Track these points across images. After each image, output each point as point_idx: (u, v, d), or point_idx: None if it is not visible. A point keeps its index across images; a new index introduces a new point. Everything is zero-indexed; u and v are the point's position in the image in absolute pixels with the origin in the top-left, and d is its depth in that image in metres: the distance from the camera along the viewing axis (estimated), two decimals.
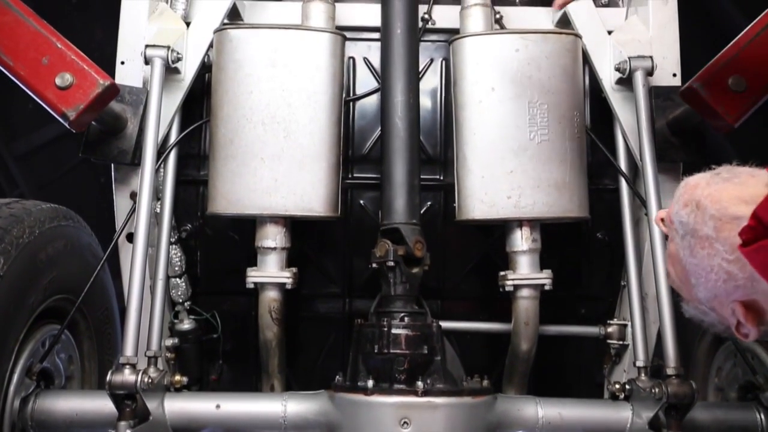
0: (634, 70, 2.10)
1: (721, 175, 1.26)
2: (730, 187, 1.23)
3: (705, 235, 1.22)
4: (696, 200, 1.26)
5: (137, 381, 1.82)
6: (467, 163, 2.05)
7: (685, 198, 1.29)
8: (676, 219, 1.31)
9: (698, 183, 1.28)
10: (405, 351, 1.86)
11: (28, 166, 4.36)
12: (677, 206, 1.31)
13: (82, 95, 1.76)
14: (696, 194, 1.26)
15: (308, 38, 2.06)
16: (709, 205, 1.22)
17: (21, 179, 4.24)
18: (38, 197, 4.16)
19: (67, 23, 4.03)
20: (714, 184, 1.25)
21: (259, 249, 2.09)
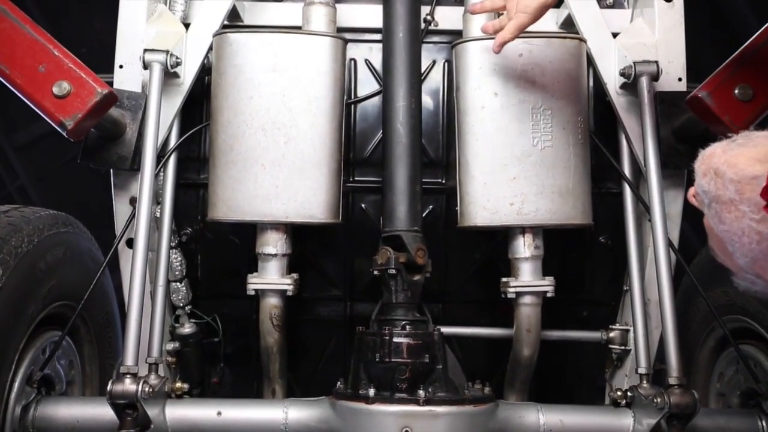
0: (639, 75, 2.07)
1: (737, 142, 1.29)
2: (745, 150, 1.26)
3: (728, 199, 1.25)
4: (714, 168, 1.28)
5: (138, 390, 1.81)
6: (470, 169, 2.04)
7: (703, 168, 1.32)
8: (699, 190, 1.33)
9: (714, 151, 1.31)
10: (406, 360, 1.85)
11: (28, 157, 4.35)
12: (698, 178, 1.33)
13: (79, 104, 1.73)
14: (713, 162, 1.29)
15: (309, 42, 2.04)
16: (727, 170, 1.25)
17: (21, 170, 4.23)
18: (38, 188, 4.20)
19: (66, 13, 4.01)
20: (729, 150, 1.28)
21: (260, 255, 2.08)
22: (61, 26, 3.97)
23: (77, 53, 3.98)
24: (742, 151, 1.26)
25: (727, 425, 1.99)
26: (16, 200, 4.19)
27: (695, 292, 2.17)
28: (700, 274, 2.21)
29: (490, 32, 1.89)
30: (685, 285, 2.32)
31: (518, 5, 1.74)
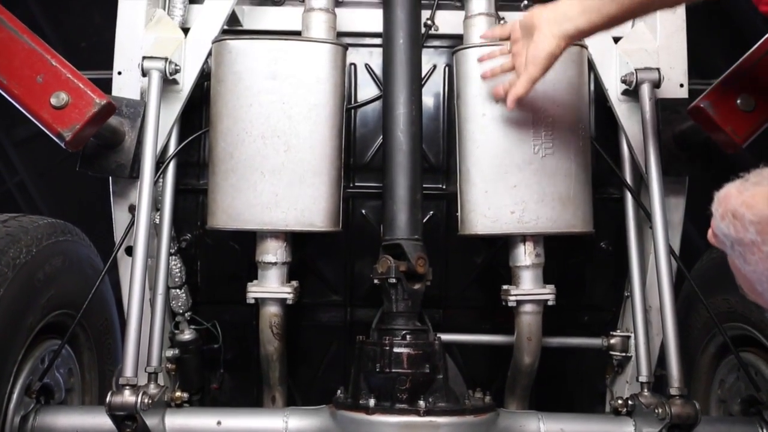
0: (641, 82, 2.06)
1: (750, 181, 1.27)
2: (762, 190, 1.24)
3: (750, 240, 1.23)
4: (732, 210, 1.26)
5: (137, 402, 1.81)
6: (470, 176, 2.02)
7: (720, 211, 1.29)
8: (719, 233, 1.31)
9: (729, 193, 1.28)
10: (407, 370, 1.84)
11: (28, 153, 4.33)
12: (716, 221, 1.31)
13: (78, 115, 1.72)
14: (730, 204, 1.27)
15: (309, 49, 2.02)
16: (746, 212, 1.23)
17: (21, 166, 4.21)
18: (38, 184, 4.18)
19: (65, 8, 3.99)
20: (745, 191, 1.25)
21: (260, 264, 2.07)
22: (60, 21, 3.96)
23: (77, 48, 3.97)
24: (759, 191, 1.23)
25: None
26: (15, 196, 4.18)
27: (696, 297, 2.17)
28: (702, 281, 2.20)
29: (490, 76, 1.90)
30: (686, 290, 2.32)
31: (527, 56, 1.71)
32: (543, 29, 1.66)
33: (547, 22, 1.65)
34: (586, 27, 1.61)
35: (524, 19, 1.74)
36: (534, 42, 1.67)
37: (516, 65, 1.79)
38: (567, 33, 1.64)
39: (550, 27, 1.65)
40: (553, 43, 1.65)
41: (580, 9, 1.59)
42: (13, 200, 4.14)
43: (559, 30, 1.64)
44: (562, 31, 1.64)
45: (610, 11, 1.56)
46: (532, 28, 1.69)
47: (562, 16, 1.63)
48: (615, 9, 1.54)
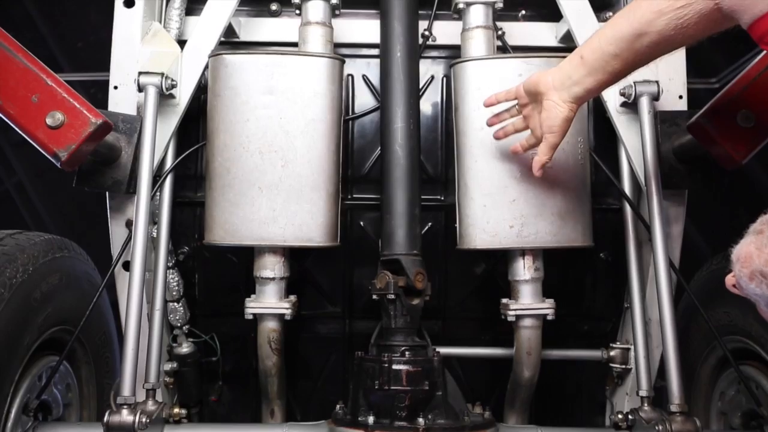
0: (640, 95, 2.05)
1: (765, 234, 1.27)
2: None
3: None
4: (759, 271, 1.27)
5: (135, 421, 1.80)
6: (468, 191, 2.01)
7: (747, 273, 1.29)
8: (750, 293, 1.31)
9: (750, 253, 1.29)
10: (406, 387, 1.84)
11: (26, 153, 4.31)
12: (743, 282, 1.31)
13: (73, 135, 1.70)
14: (755, 265, 1.27)
15: (305, 64, 2.00)
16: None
17: (19, 166, 4.20)
18: (36, 185, 4.16)
19: (61, 7, 3.97)
20: (765, 248, 1.26)
21: (258, 279, 2.06)
22: (57, 20, 3.93)
23: (73, 47, 3.94)
24: None
25: None
26: (13, 196, 4.16)
27: (696, 309, 2.16)
28: (702, 293, 2.20)
29: (503, 136, 1.88)
30: (686, 301, 2.31)
31: (542, 126, 1.68)
32: (551, 96, 1.62)
33: (554, 89, 1.62)
34: (594, 87, 1.57)
35: (528, 84, 1.71)
36: (546, 110, 1.64)
37: (531, 126, 1.77)
38: (577, 96, 1.60)
39: (559, 93, 1.61)
40: (566, 109, 1.62)
41: (585, 71, 1.55)
42: (11, 201, 4.12)
43: (568, 95, 1.60)
44: (572, 96, 1.60)
45: (615, 68, 1.52)
46: (539, 94, 1.66)
47: (568, 80, 1.59)
48: (620, 65, 1.50)
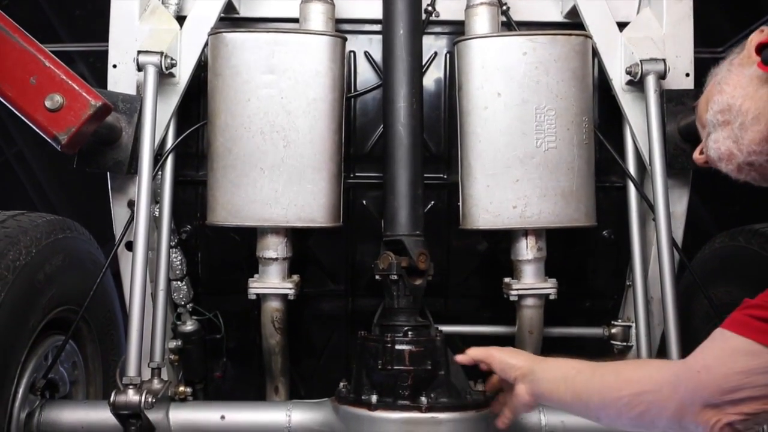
0: (646, 74, 2.02)
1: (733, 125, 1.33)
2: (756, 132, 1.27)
3: None
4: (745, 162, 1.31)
5: (141, 401, 1.82)
6: (472, 171, 2.00)
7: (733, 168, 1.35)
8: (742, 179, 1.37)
9: (730, 150, 1.33)
10: (409, 367, 1.84)
11: (26, 123, 4.29)
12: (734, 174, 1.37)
13: (73, 118, 1.69)
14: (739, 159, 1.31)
15: (307, 42, 1.98)
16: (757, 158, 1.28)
17: (18, 137, 4.19)
18: (36, 155, 4.15)
19: None
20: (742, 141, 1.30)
21: (261, 259, 2.06)
22: None
23: (72, 16, 3.89)
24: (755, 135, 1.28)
25: None
26: (14, 167, 4.16)
27: (698, 287, 2.16)
28: (703, 271, 2.20)
29: None
30: (688, 280, 2.31)
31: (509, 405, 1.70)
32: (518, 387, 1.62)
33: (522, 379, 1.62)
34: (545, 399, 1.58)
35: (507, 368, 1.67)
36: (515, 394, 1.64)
37: None
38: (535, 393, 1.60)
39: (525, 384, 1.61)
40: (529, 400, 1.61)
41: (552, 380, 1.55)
42: (12, 171, 4.13)
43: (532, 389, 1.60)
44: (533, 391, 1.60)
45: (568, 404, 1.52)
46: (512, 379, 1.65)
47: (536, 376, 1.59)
48: (570, 399, 1.50)
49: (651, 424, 1.35)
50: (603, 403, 1.41)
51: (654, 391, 1.32)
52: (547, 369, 1.56)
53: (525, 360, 1.63)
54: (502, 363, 1.66)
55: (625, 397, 1.36)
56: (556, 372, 1.54)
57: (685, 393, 1.28)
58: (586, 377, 1.46)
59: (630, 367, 1.46)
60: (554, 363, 1.57)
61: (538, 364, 1.59)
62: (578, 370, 1.49)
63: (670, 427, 1.33)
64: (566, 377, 1.50)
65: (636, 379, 1.37)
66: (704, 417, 1.26)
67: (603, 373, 1.44)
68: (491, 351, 1.72)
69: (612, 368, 1.44)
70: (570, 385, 1.48)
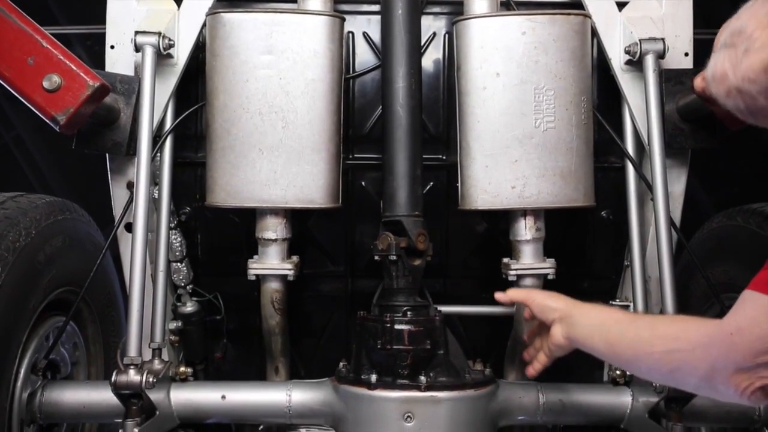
0: (645, 53, 2.02)
1: (737, 48, 1.28)
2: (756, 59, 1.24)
3: (761, 107, 1.27)
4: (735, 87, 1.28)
5: (142, 381, 1.84)
6: (471, 152, 2.00)
7: (723, 91, 1.31)
8: (730, 107, 1.33)
9: (725, 72, 1.30)
10: (408, 347, 1.86)
11: (24, 107, 4.28)
12: (721, 99, 1.33)
13: (71, 98, 1.69)
14: (731, 83, 1.28)
15: (305, 22, 1.97)
16: (750, 86, 1.25)
17: (17, 121, 4.18)
18: (35, 139, 4.14)
19: None
20: (739, 65, 1.26)
21: (260, 240, 2.07)
22: None
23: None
24: (754, 61, 1.24)
25: (724, 404, 2.02)
26: (12, 150, 4.15)
27: (695, 267, 2.17)
28: (701, 251, 2.21)
29: None
30: (685, 259, 2.32)
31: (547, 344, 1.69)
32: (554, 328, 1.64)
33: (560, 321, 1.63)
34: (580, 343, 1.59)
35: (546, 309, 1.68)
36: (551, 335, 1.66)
37: None
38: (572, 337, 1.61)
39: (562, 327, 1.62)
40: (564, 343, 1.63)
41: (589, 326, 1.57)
42: (11, 155, 4.12)
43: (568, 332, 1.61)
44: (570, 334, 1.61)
45: (600, 351, 1.54)
46: (549, 321, 1.66)
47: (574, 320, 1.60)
48: (603, 347, 1.52)
49: (681, 382, 1.36)
50: (635, 356, 1.41)
51: (686, 351, 1.32)
52: (585, 314, 1.57)
53: (565, 303, 1.63)
54: (542, 305, 1.67)
55: (657, 354, 1.36)
56: (594, 319, 1.54)
57: (717, 355, 1.27)
58: (622, 328, 1.46)
59: (665, 323, 1.45)
60: (593, 310, 1.58)
61: (577, 309, 1.59)
62: (616, 320, 1.50)
63: (701, 387, 1.34)
64: (603, 325, 1.51)
65: (670, 336, 1.37)
66: (736, 380, 1.26)
67: (639, 326, 1.44)
68: (531, 293, 1.74)
69: (648, 322, 1.45)
70: (605, 335, 1.49)
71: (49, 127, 1.80)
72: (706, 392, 1.36)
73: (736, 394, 1.28)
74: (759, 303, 1.26)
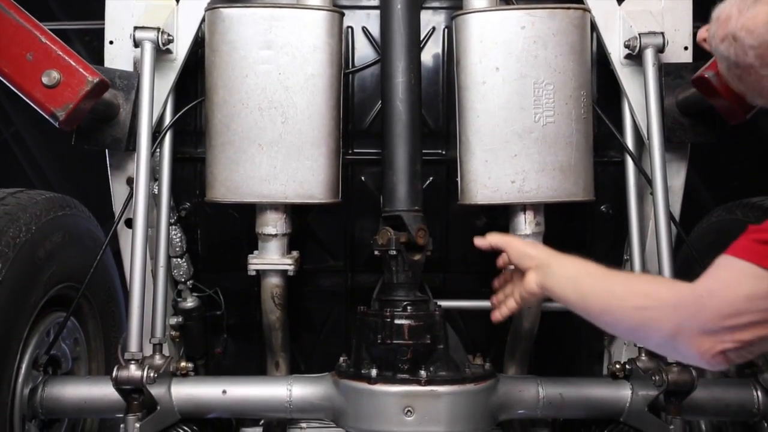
0: (645, 47, 2.02)
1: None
2: (762, 11, 1.25)
3: (748, 64, 1.28)
4: (732, 34, 1.28)
5: (143, 376, 1.84)
6: (470, 146, 2.00)
7: (720, 34, 1.31)
8: (717, 53, 1.34)
9: (730, 15, 1.30)
10: (408, 341, 1.86)
11: (23, 103, 4.28)
12: (715, 41, 1.34)
13: (70, 94, 1.69)
14: (730, 27, 1.28)
15: (304, 17, 1.97)
16: (746, 37, 1.26)
17: (15, 116, 4.18)
18: (33, 134, 4.14)
19: None
20: (746, 11, 1.27)
21: (260, 236, 2.07)
22: None
23: None
24: (758, 12, 1.23)
25: (723, 396, 2.03)
26: (12, 146, 4.15)
27: (695, 260, 2.17)
28: (700, 245, 2.21)
29: None
30: (684, 254, 2.32)
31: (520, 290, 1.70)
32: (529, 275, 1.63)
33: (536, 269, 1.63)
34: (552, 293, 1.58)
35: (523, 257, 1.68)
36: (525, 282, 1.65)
37: None
38: None
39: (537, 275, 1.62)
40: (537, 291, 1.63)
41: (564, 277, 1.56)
42: (10, 151, 4.12)
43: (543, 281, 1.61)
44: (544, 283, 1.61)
45: (572, 302, 1.53)
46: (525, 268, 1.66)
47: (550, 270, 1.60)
48: (575, 298, 1.51)
49: (645, 338, 1.36)
50: (604, 309, 1.41)
51: (655, 308, 1.32)
52: (562, 265, 1.57)
53: (542, 252, 1.64)
54: (520, 251, 1.67)
55: (626, 308, 1.36)
56: (570, 270, 1.54)
57: (685, 315, 1.27)
58: (596, 281, 1.46)
59: (639, 281, 1.45)
60: (570, 261, 1.57)
61: (554, 259, 1.59)
62: (590, 273, 1.49)
63: (663, 346, 1.34)
64: (577, 277, 1.51)
65: (642, 293, 1.37)
66: (698, 342, 1.26)
67: (613, 281, 1.44)
68: (510, 239, 1.74)
69: (623, 278, 1.46)
70: (578, 286, 1.49)
71: (48, 123, 1.80)
72: (667, 351, 1.36)
73: (696, 356, 1.28)
74: (733, 267, 1.25)
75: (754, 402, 2.00)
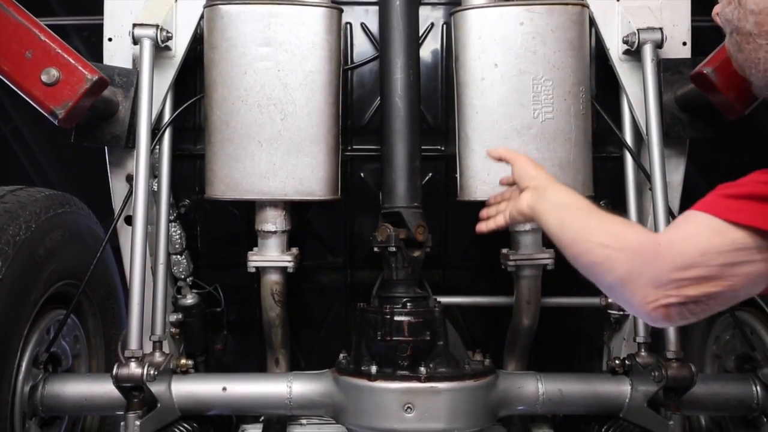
0: (643, 43, 2.02)
1: None
2: None
3: (747, 31, 1.27)
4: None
5: (143, 374, 1.84)
6: (469, 142, 2.01)
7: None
8: (722, 17, 1.34)
9: None
10: (408, 338, 1.87)
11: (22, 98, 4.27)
12: (722, 5, 1.34)
13: (70, 92, 1.69)
14: None
15: (302, 14, 1.97)
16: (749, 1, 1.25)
17: (14, 113, 4.17)
18: (33, 130, 4.13)
19: None
20: None
21: (260, 233, 2.08)
22: None
23: None
24: None
25: (722, 391, 2.03)
26: (11, 142, 4.14)
27: None
28: None
29: None
30: None
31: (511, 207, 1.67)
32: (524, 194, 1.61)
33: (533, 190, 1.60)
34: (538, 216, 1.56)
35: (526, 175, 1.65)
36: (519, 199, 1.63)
37: None
38: None
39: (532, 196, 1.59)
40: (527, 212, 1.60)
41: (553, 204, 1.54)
42: (9, 147, 4.11)
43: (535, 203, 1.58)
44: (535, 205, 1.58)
45: (551, 228, 1.50)
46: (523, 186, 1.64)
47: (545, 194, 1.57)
48: (554, 225, 1.49)
49: (598, 277, 1.34)
50: (573, 240, 1.40)
51: (616, 249, 1.31)
52: (556, 192, 1.55)
53: (544, 176, 1.62)
54: (525, 168, 1.65)
55: (591, 243, 1.35)
56: (561, 198, 1.53)
57: (639, 261, 1.26)
58: (577, 214, 1.45)
59: (614, 222, 1.41)
60: (566, 192, 1.56)
61: (552, 186, 1.58)
62: (578, 206, 1.48)
63: (613, 289, 1.32)
64: (565, 206, 1.50)
65: (611, 233, 1.35)
66: (644, 291, 1.25)
67: (592, 217, 1.42)
68: (519, 155, 1.71)
69: (601, 216, 1.43)
70: (561, 214, 1.48)
71: (47, 120, 1.80)
72: (615, 295, 1.34)
73: (639, 305, 1.27)
74: (695, 221, 1.25)
75: (753, 397, 2.00)
